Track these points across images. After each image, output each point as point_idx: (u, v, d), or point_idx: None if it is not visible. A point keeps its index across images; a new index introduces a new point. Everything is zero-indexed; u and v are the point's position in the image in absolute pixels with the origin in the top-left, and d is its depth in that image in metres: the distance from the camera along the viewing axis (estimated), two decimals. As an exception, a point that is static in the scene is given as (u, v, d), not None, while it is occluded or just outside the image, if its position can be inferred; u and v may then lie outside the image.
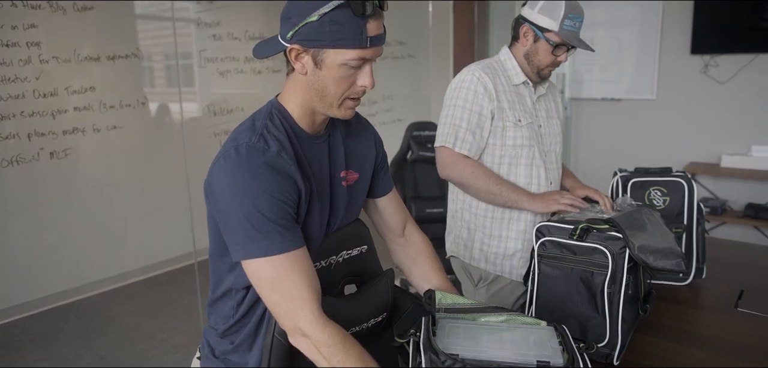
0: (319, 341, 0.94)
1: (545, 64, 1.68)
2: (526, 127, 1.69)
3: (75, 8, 2.70)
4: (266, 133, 1.01)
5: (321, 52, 0.99)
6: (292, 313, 0.96)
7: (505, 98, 1.68)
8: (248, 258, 0.96)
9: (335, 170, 1.14)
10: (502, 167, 1.70)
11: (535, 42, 1.67)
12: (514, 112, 1.68)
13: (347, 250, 1.14)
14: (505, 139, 1.67)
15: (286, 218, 0.97)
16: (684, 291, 1.72)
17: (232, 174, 0.96)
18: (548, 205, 1.64)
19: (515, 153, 1.69)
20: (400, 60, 4.16)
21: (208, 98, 3.27)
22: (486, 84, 1.65)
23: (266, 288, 0.97)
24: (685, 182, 1.76)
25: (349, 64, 0.99)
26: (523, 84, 1.74)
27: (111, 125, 2.86)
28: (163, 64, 3.13)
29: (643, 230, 1.36)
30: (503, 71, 1.73)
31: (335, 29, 0.96)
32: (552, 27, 1.61)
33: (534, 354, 0.92)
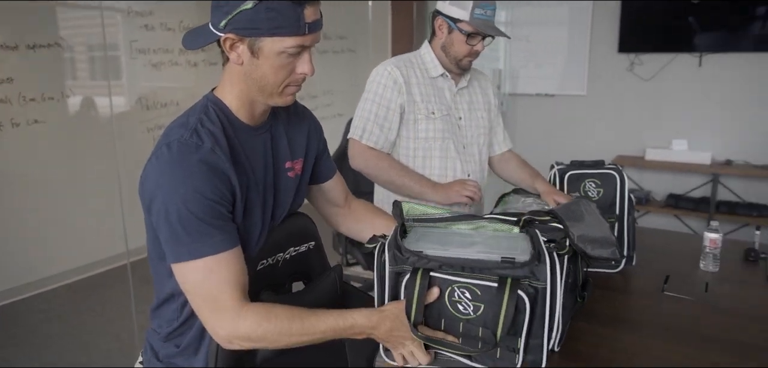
0: (244, 330, 0.93)
1: (462, 54, 1.71)
2: (441, 119, 1.73)
3: (-12, -8, 2.50)
4: (200, 128, 0.97)
5: (257, 40, 0.95)
6: (213, 321, 0.94)
7: (419, 90, 1.72)
8: (177, 261, 0.93)
9: (280, 162, 1.11)
10: (417, 159, 1.74)
11: (449, 33, 1.71)
12: (427, 104, 1.72)
13: (295, 247, 1.12)
14: (418, 131, 1.72)
15: (218, 217, 0.94)
16: (616, 278, 1.81)
17: (163, 173, 0.92)
18: (449, 196, 1.69)
19: (428, 145, 1.73)
20: (340, 55, 4.13)
21: (139, 91, 3.11)
22: (396, 78, 1.68)
23: (190, 292, 0.95)
24: (618, 174, 1.85)
25: (287, 52, 0.97)
26: (442, 76, 1.77)
27: (32, 119, 2.66)
28: (87, 56, 2.95)
29: (581, 220, 1.41)
30: (421, 65, 1.77)
31: (272, 17, 0.93)
32: (463, 17, 1.66)
33: (500, 252, 0.93)
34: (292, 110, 1.19)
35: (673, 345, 1.38)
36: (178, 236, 0.92)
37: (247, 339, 0.94)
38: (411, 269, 0.89)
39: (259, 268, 1.04)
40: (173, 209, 0.91)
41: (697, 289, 1.71)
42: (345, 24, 4.22)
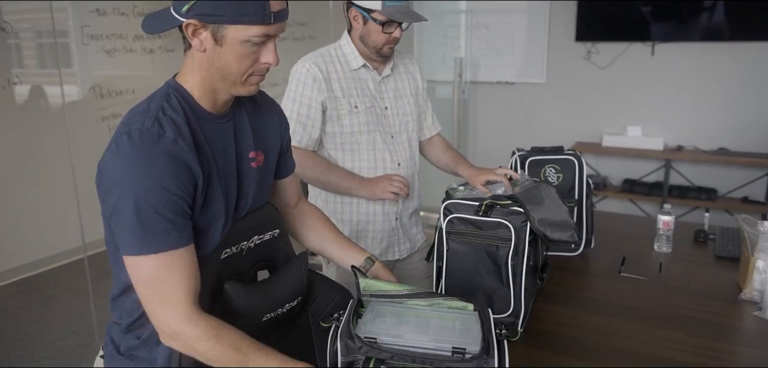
0: (191, 336, 0.92)
1: (381, 43, 1.69)
2: (365, 112, 1.72)
3: (-76, -27, 2.35)
4: (162, 116, 0.94)
5: (221, 28, 0.93)
6: (162, 313, 0.93)
7: (340, 85, 1.70)
8: (130, 254, 0.91)
9: (243, 152, 1.09)
10: (345, 153, 1.73)
11: (365, 24, 1.69)
12: (349, 99, 1.70)
13: (259, 235, 1.10)
14: (343, 127, 1.70)
15: (177, 212, 0.92)
16: (575, 261, 1.87)
17: (123, 162, 0.89)
18: (375, 193, 1.71)
19: (354, 139, 1.72)
20: (300, 41, 4.08)
21: (92, 79, 2.99)
22: (316, 75, 1.66)
23: (140, 284, 0.93)
24: (576, 160, 1.90)
25: (252, 41, 0.94)
26: (364, 67, 1.75)
27: (-24, 108, 2.54)
28: (36, 42, 2.81)
29: (541, 204, 1.45)
30: (342, 57, 1.74)
31: (237, 4, 0.91)
32: (375, 7, 1.64)
33: (453, 341, 0.94)
34: (259, 101, 1.17)
35: (630, 323, 1.44)
36: (133, 228, 0.89)
37: (190, 348, 0.93)
38: (363, 359, 0.90)
39: (223, 257, 1.02)
40: (132, 201, 0.88)
41: (651, 270, 1.78)
42: (305, 10, 4.17)
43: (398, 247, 1.86)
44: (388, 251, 1.84)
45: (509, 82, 4.44)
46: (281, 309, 1.08)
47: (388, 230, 1.81)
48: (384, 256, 1.83)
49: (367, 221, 1.79)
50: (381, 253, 1.82)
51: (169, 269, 0.91)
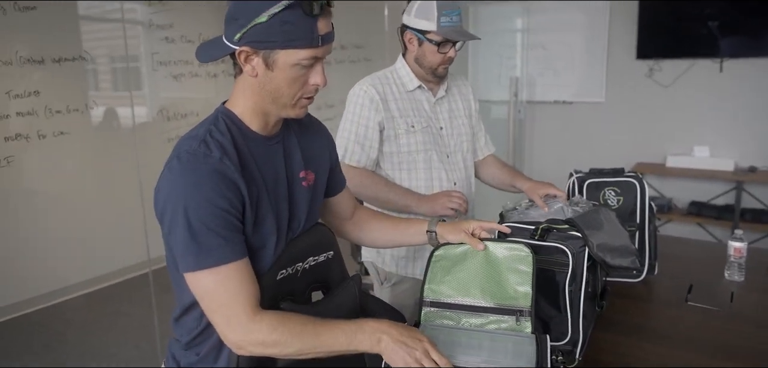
0: (256, 339, 0.95)
1: (436, 63, 1.72)
2: (421, 131, 1.74)
3: (16, 8, 2.56)
4: (209, 138, 0.98)
5: (272, 53, 0.97)
6: (225, 326, 0.96)
7: (397, 106, 1.73)
8: (188, 271, 0.95)
9: (293, 172, 1.12)
10: (402, 172, 1.75)
11: (420, 46, 1.72)
12: (405, 119, 1.73)
13: (314, 256, 1.12)
14: (400, 146, 1.73)
15: (228, 227, 0.95)
16: (638, 288, 1.79)
17: (174, 184, 0.94)
18: (435, 208, 1.69)
19: (411, 158, 1.74)
20: (356, 64, 4.15)
21: (160, 102, 3.17)
22: (373, 97, 1.69)
23: (201, 298, 0.97)
24: (638, 183, 1.83)
25: (301, 64, 0.98)
26: (419, 88, 1.78)
27: (57, 130, 2.72)
28: (110, 67, 3.01)
29: (600, 229, 1.40)
30: (397, 80, 1.77)
31: (286, 30, 0.94)
32: (430, 28, 1.67)
33: (506, 363, 0.92)
34: (306, 122, 1.20)
35: (698, 356, 1.36)
36: (188, 245, 0.93)
37: (261, 344, 0.95)
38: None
39: (278, 278, 1.05)
40: (184, 220, 0.92)
41: (722, 299, 1.68)
42: (361, 33, 4.25)
43: None
44: None
45: (567, 101, 4.34)
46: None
47: None
48: None
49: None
50: None
51: (224, 281, 0.94)
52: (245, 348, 0.96)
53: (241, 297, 0.95)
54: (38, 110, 2.64)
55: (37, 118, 2.63)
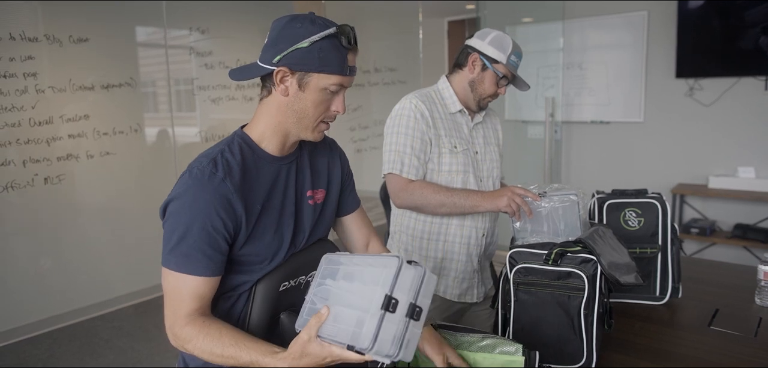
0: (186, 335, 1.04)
1: (488, 93, 1.76)
2: (462, 153, 1.76)
3: (71, 41, 2.79)
4: (220, 158, 1.08)
5: (306, 75, 1.08)
6: (170, 317, 1.06)
7: (442, 125, 1.75)
8: (166, 267, 1.05)
9: (302, 190, 1.20)
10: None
11: (482, 71, 1.74)
12: (450, 138, 1.74)
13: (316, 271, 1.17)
14: (442, 165, 1.74)
15: (212, 246, 1.04)
16: (660, 310, 1.75)
17: (180, 193, 1.05)
18: (498, 204, 1.62)
19: (451, 179, 1.75)
20: (391, 86, 4.24)
21: (199, 124, 3.35)
22: (423, 112, 1.71)
23: (166, 293, 1.07)
24: (659, 204, 1.79)
25: (329, 89, 1.09)
26: (460, 112, 1.80)
27: (104, 151, 2.93)
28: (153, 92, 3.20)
29: (606, 246, 1.40)
30: (440, 100, 1.80)
31: (323, 56, 1.06)
32: (501, 59, 1.71)
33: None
34: (320, 142, 1.28)
35: (713, 382, 1.33)
36: (172, 246, 1.04)
37: (183, 344, 1.05)
38: None
39: (281, 289, 1.11)
40: (178, 226, 1.03)
41: (748, 325, 1.62)
42: (396, 57, 4.34)
43: (476, 289, 1.85)
44: (467, 293, 1.84)
45: (604, 121, 4.27)
46: (333, 342, 1.13)
47: (470, 272, 1.82)
48: (463, 297, 1.83)
49: (451, 259, 1.80)
50: (461, 293, 1.83)
51: (188, 287, 1.04)
52: (176, 341, 1.06)
53: (198, 301, 1.05)
54: (87, 132, 2.85)
55: (86, 139, 2.84)
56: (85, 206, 2.93)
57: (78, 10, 2.83)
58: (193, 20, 3.21)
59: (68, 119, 2.82)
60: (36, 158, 2.73)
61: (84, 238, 2.97)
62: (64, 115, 2.80)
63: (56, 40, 2.74)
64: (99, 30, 2.89)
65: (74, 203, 2.90)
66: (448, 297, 1.83)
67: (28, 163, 2.74)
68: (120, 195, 3.04)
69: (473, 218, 1.77)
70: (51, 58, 2.73)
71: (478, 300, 1.86)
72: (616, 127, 4.22)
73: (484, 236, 1.81)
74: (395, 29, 4.32)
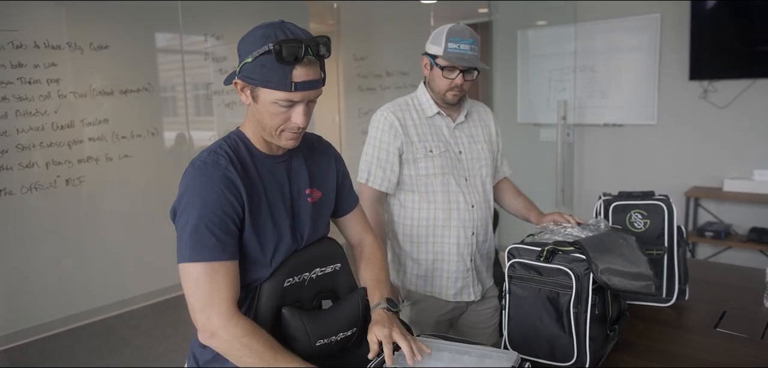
0: (230, 334, 1.05)
1: (443, 88, 1.76)
2: (439, 156, 1.79)
3: (92, 47, 2.88)
4: (219, 150, 1.14)
5: (255, 88, 1.11)
6: (204, 314, 1.06)
7: (416, 131, 1.79)
8: (182, 261, 1.07)
9: (299, 189, 1.24)
10: (421, 194, 1.81)
11: (431, 70, 1.78)
12: (424, 143, 1.79)
13: (321, 267, 1.22)
14: (418, 169, 1.79)
15: (224, 230, 1.08)
16: (666, 312, 1.76)
17: (185, 186, 1.10)
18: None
19: (429, 182, 1.79)
20: (402, 90, 4.27)
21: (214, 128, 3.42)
22: (393, 123, 1.77)
23: (187, 288, 1.08)
24: (665, 206, 1.80)
25: (279, 103, 1.10)
26: (438, 115, 1.83)
27: (122, 154, 3.01)
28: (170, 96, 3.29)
29: (611, 252, 1.41)
30: (417, 106, 1.84)
31: (264, 72, 1.07)
32: (438, 52, 1.73)
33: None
34: (315, 145, 1.33)
35: (715, 383, 1.34)
36: (186, 239, 1.06)
37: (227, 343, 1.06)
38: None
39: (285, 285, 1.16)
40: (188, 217, 1.07)
41: (755, 328, 1.62)
42: (407, 61, 4.37)
43: (473, 288, 1.88)
44: (463, 292, 1.87)
45: (617, 124, 4.25)
46: (334, 337, 1.18)
47: (463, 271, 1.85)
48: (458, 297, 1.87)
49: (442, 261, 1.84)
50: (455, 293, 1.86)
51: (213, 276, 1.06)
52: (214, 341, 1.07)
53: (223, 292, 1.07)
54: (107, 136, 2.94)
55: (105, 142, 2.93)
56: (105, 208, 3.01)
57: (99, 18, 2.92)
58: (209, 27, 3.29)
59: (89, 123, 2.90)
60: (58, 160, 2.82)
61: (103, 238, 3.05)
62: (84, 119, 2.88)
63: (78, 47, 2.83)
64: (118, 37, 2.98)
65: (94, 204, 2.99)
66: (444, 297, 1.86)
67: (50, 165, 2.83)
68: (138, 197, 3.12)
69: (459, 218, 1.80)
70: (73, 64, 2.82)
71: (476, 299, 1.89)
72: (629, 130, 4.21)
73: (474, 234, 1.84)
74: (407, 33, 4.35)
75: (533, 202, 2.01)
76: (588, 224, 1.64)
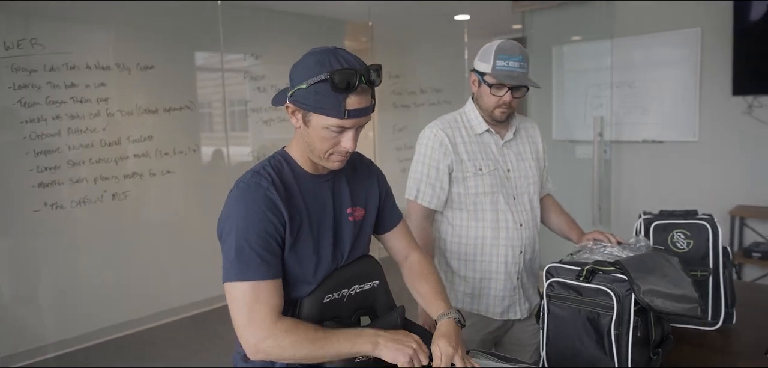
0: (274, 344, 1.09)
1: (491, 105, 1.75)
2: (489, 174, 1.77)
3: (138, 67, 3.02)
4: (263, 172, 1.18)
5: (308, 113, 1.13)
6: (249, 331, 1.10)
7: (465, 149, 1.78)
8: (228, 281, 1.11)
9: (341, 208, 1.27)
10: (469, 213, 1.79)
11: (479, 87, 1.77)
12: (474, 162, 1.77)
13: (359, 284, 1.24)
14: (468, 188, 1.77)
15: (267, 249, 1.12)
16: (712, 336, 1.70)
17: (230, 207, 1.14)
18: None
19: (478, 201, 1.77)
20: (436, 106, 4.29)
21: (252, 144, 3.50)
22: (442, 140, 1.76)
23: (233, 305, 1.12)
24: (710, 225, 1.75)
25: (330, 129, 1.13)
26: (487, 132, 1.81)
27: (165, 169, 3.12)
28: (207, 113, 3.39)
29: (653, 273, 1.38)
30: (466, 123, 1.82)
31: (319, 99, 1.10)
32: (486, 69, 1.72)
33: None
34: (357, 164, 1.36)
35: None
36: (232, 260, 1.11)
37: (278, 347, 1.09)
38: None
39: (325, 301, 1.19)
40: (232, 238, 1.11)
41: (808, 354, 1.56)
42: (441, 78, 4.39)
43: (519, 306, 1.85)
44: (510, 310, 1.84)
45: (656, 141, 4.16)
46: (374, 354, 1.19)
47: (510, 290, 1.83)
48: (506, 315, 1.84)
49: (489, 279, 1.82)
50: (503, 311, 1.83)
51: (257, 294, 1.10)
52: (263, 349, 1.10)
53: (266, 305, 1.11)
54: (150, 152, 3.05)
55: (149, 159, 3.05)
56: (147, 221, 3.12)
57: (145, 39, 3.06)
58: (248, 46, 3.39)
59: (134, 140, 3.03)
60: (105, 176, 2.95)
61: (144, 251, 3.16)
62: (130, 136, 3.01)
63: (125, 67, 2.97)
64: (163, 57, 3.11)
65: (137, 218, 3.10)
66: (491, 315, 1.84)
67: (98, 180, 2.96)
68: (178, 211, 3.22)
69: (508, 237, 1.78)
70: (120, 84, 2.95)
71: (522, 317, 1.86)
72: (669, 146, 4.11)
73: (522, 252, 1.82)
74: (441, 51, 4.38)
75: (575, 220, 1.98)
76: (628, 244, 1.61)
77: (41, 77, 2.64)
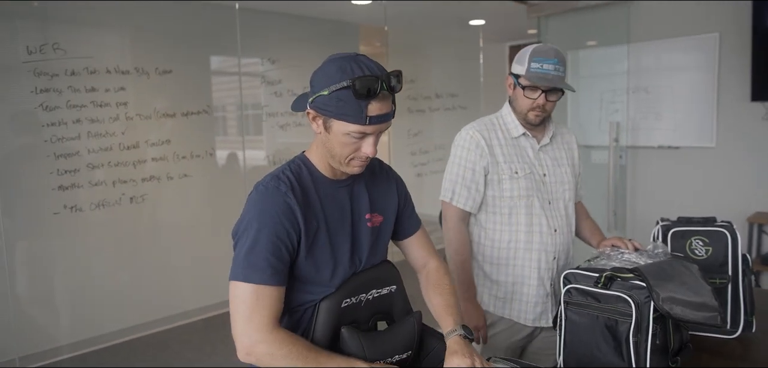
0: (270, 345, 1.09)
1: (525, 108, 1.74)
2: (524, 178, 1.76)
3: (157, 72, 3.06)
4: (282, 176, 1.19)
5: (328, 120, 1.14)
6: (243, 328, 1.10)
7: (501, 151, 1.77)
8: (234, 279, 1.12)
9: (359, 213, 1.27)
10: (504, 216, 1.78)
11: (514, 90, 1.77)
12: (510, 164, 1.76)
13: (377, 289, 1.25)
14: (503, 191, 1.76)
15: (277, 256, 1.13)
16: (732, 345, 1.68)
17: (249, 209, 1.16)
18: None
19: (513, 204, 1.76)
20: (452, 111, 4.29)
21: (268, 148, 3.53)
22: (479, 142, 1.75)
23: (233, 304, 1.12)
24: (729, 233, 1.73)
25: (351, 135, 1.14)
26: (523, 136, 1.81)
27: (182, 173, 3.15)
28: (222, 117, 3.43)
29: (672, 280, 1.37)
30: (502, 126, 1.82)
31: (340, 105, 1.11)
32: (521, 71, 1.72)
33: None
34: (377, 170, 1.36)
35: (783, 420, 1.27)
36: (240, 258, 1.12)
37: (269, 355, 1.10)
38: None
39: (343, 305, 1.19)
40: (248, 238, 1.13)
41: (829, 363, 1.54)
42: (457, 83, 4.39)
43: (551, 313, 1.83)
44: (542, 317, 1.82)
45: (672, 146, 4.12)
46: (390, 359, 1.20)
47: (542, 296, 1.81)
48: (537, 321, 1.82)
49: (522, 284, 1.80)
50: (535, 318, 1.82)
51: (258, 298, 1.11)
52: (255, 353, 1.11)
53: (266, 310, 1.11)
54: (168, 156, 3.09)
55: (166, 162, 3.08)
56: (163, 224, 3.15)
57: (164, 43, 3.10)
58: (265, 51, 3.42)
59: (152, 144, 3.07)
60: (123, 179, 2.99)
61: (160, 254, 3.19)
62: (148, 140, 3.05)
63: (144, 72, 3.01)
64: (181, 61, 3.15)
65: (154, 221, 3.14)
66: (522, 321, 1.82)
67: (117, 183, 3.00)
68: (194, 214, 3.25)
69: (541, 242, 1.76)
70: (139, 88, 3.00)
71: None
72: (686, 152, 4.06)
73: (555, 258, 1.80)
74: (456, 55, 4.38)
75: (598, 226, 1.97)
76: (646, 250, 1.60)
77: (62, 81, 2.69)
